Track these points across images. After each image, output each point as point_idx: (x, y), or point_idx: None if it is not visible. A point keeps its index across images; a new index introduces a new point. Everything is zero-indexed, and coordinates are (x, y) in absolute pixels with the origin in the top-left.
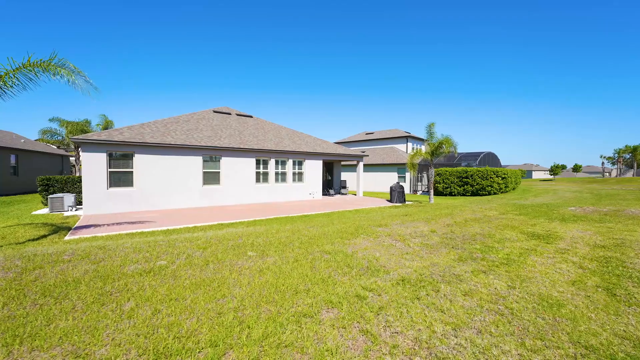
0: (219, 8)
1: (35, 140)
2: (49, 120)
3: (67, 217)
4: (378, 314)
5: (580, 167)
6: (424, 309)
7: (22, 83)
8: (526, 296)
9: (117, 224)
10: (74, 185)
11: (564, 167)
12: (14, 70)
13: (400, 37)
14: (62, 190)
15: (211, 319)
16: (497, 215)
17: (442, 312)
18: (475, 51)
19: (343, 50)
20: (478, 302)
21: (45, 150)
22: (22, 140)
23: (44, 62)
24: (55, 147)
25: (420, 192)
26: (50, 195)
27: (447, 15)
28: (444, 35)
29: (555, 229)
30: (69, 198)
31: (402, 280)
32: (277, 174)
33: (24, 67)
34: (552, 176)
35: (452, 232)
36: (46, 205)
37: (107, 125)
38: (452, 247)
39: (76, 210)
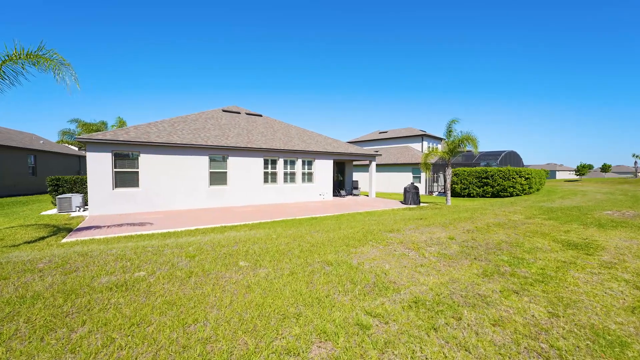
0: (229, 8)
1: (56, 141)
2: (68, 121)
3: (73, 217)
4: (383, 353)
5: (609, 166)
6: (442, 345)
7: (9, 77)
8: (575, 329)
9: (118, 225)
10: (83, 186)
11: (590, 166)
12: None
13: (414, 36)
14: (71, 191)
15: (171, 355)
16: (523, 219)
17: (466, 350)
18: (494, 50)
19: (355, 50)
20: (512, 336)
21: (63, 151)
22: (41, 142)
23: (31, 53)
24: (77, 149)
25: (436, 193)
26: (59, 196)
27: (465, 15)
28: (461, 34)
29: (594, 236)
30: (76, 198)
31: (416, 302)
32: (286, 174)
33: (9, 60)
34: (579, 176)
35: (474, 239)
36: (56, 205)
37: (120, 127)
38: (475, 258)
39: (84, 210)
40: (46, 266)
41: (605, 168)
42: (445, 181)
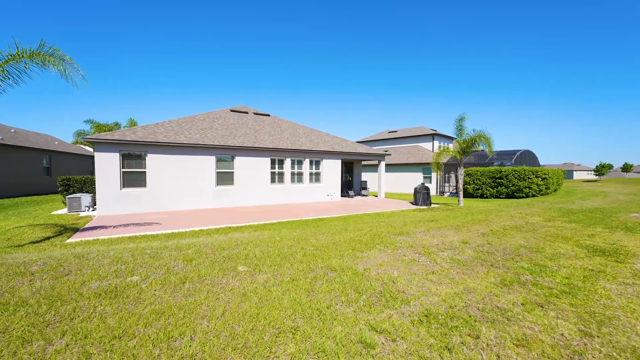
0: (239, 8)
1: (72, 142)
2: (84, 121)
3: (81, 217)
4: None
5: (631, 166)
6: None
7: (12, 76)
8: (614, 353)
9: (124, 225)
10: (93, 186)
11: (610, 166)
12: (2, 63)
13: (423, 36)
14: (81, 191)
15: None
16: (541, 222)
17: None
18: (506, 50)
19: (364, 51)
20: None
21: (77, 152)
22: (56, 142)
23: (34, 52)
24: (92, 150)
25: (448, 193)
26: (69, 196)
27: (473, 16)
28: (471, 35)
29: (622, 241)
30: (86, 198)
31: (427, 316)
32: (293, 174)
33: (13, 59)
34: (598, 177)
35: (489, 243)
36: (66, 205)
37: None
38: (491, 265)
39: (93, 210)
40: (39, 269)
41: (626, 168)
42: (457, 181)
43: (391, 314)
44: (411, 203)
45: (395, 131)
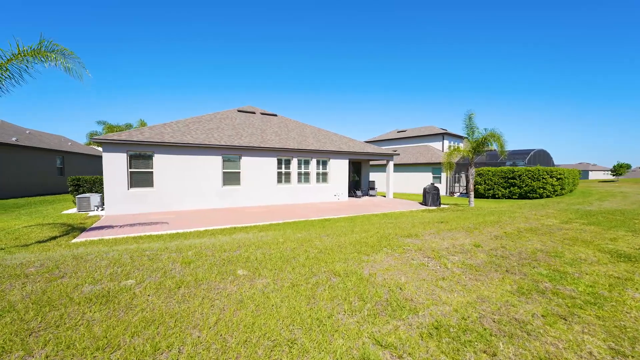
0: (240, 8)
1: (85, 143)
2: (96, 122)
3: (89, 217)
4: None
5: None
6: None
7: (14, 76)
8: None
9: (130, 225)
10: (102, 186)
11: (628, 166)
12: (5, 62)
13: (425, 36)
14: (90, 190)
15: None
16: (558, 224)
17: None
18: (509, 50)
19: (366, 51)
20: None
21: (89, 152)
22: (69, 143)
23: (34, 49)
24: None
25: (458, 194)
26: (78, 195)
27: (480, 15)
28: (472, 34)
29: None
30: (95, 198)
31: (437, 328)
32: (299, 174)
33: (15, 58)
34: (615, 177)
35: (503, 247)
36: (76, 205)
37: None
38: (507, 271)
39: (101, 210)
40: (35, 271)
41: None
42: (467, 181)
43: (398, 325)
44: (420, 204)
45: (404, 131)
